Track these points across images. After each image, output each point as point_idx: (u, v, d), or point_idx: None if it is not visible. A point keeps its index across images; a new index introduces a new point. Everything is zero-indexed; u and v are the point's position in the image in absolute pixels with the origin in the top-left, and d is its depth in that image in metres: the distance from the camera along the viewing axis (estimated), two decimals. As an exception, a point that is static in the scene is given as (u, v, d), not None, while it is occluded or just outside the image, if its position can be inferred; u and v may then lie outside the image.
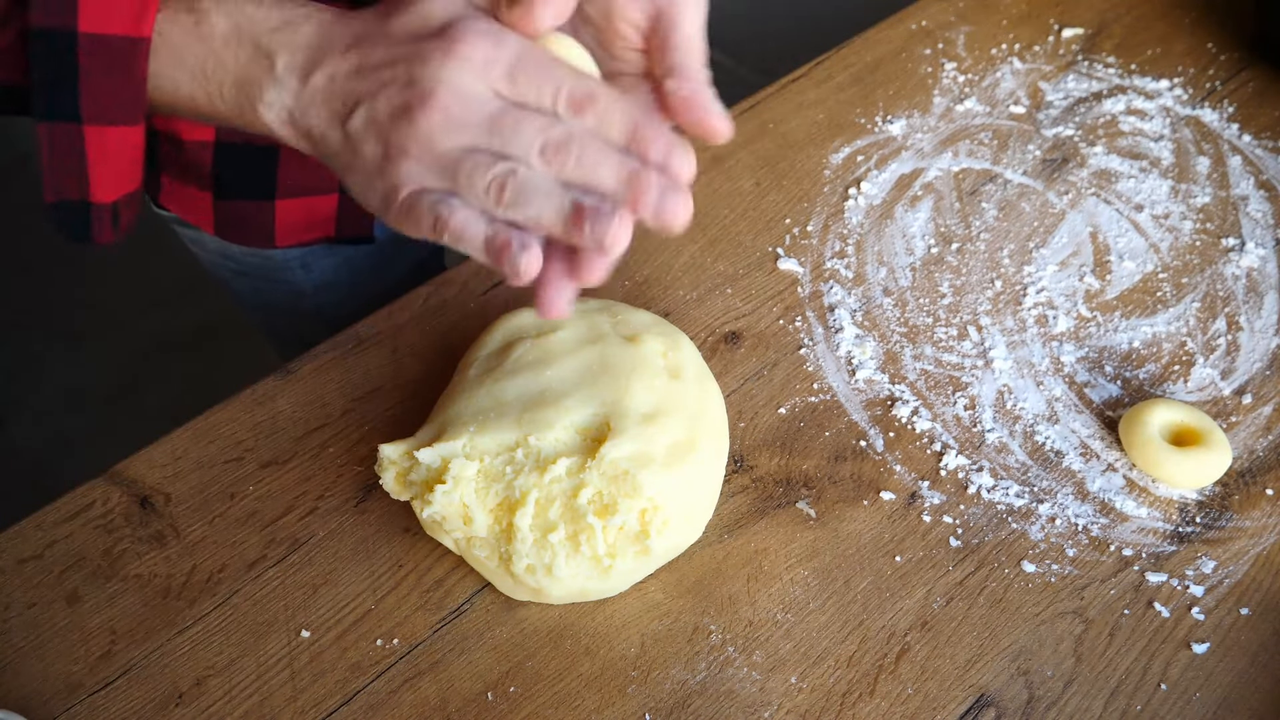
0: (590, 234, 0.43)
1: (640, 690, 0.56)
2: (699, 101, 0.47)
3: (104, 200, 0.50)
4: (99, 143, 0.48)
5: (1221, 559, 0.62)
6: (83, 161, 0.48)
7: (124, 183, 0.50)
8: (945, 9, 0.92)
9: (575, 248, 0.46)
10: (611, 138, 0.44)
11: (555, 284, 0.46)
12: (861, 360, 0.70)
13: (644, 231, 0.46)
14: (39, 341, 1.95)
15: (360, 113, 0.44)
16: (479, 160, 0.43)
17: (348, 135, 0.45)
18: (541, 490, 0.55)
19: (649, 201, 0.43)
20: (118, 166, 0.49)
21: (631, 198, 0.43)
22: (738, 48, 1.66)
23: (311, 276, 0.85)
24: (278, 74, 0.45)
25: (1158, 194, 0.80)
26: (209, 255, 0.85)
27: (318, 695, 0.56)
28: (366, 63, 0.44)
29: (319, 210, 0.77)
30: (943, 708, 0.56)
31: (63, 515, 0.62)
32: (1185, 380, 0.70)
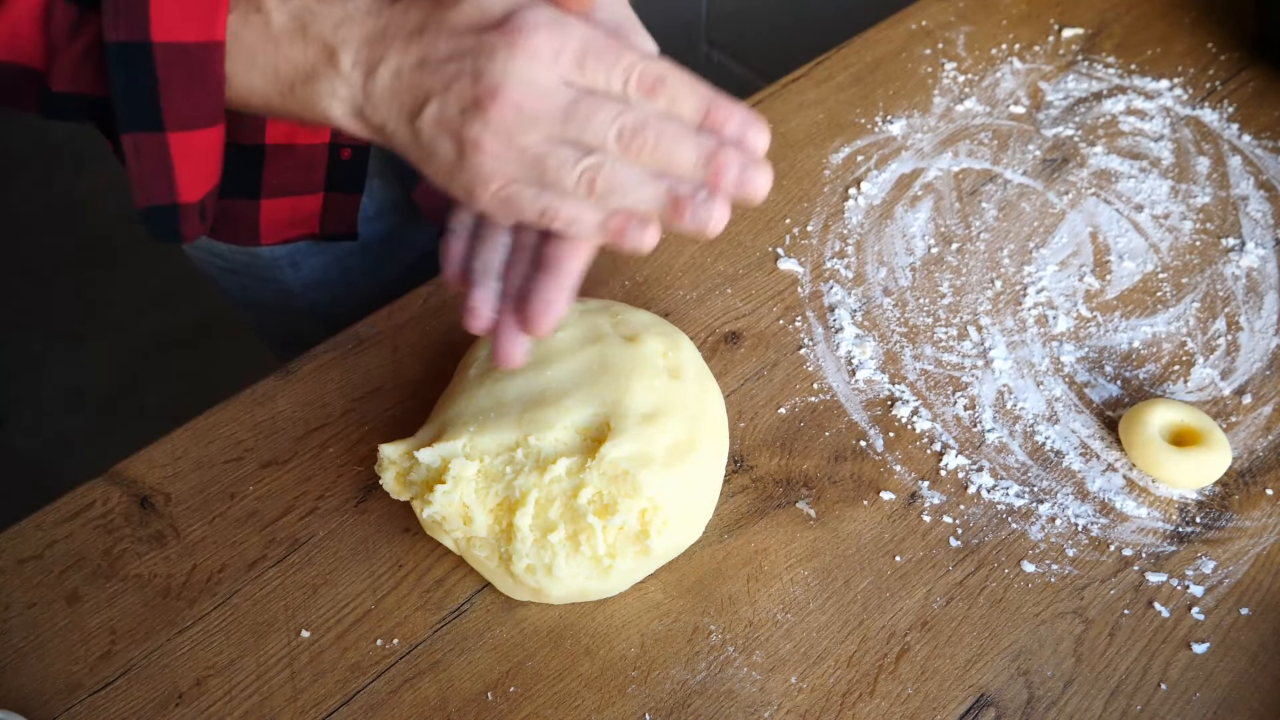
0: (691, 220, 0.44)
1: (640, 690, 0.56)
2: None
3: (192, 200, 0.51)
4: (184, 148, 0.48)
5: (1221, 559, 0.62)
6: (169, 167, 0.48)
7: (208, 180, 0.51)
8: (945, 9, 0.92)
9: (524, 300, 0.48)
10: (684, 117, 0.44)
11: (508, 335, 0.48)
12: (861, 360, 0.70)
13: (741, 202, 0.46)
14: (39, 341, 1.95)
15: (430, 110, 0.44)
16: (563, 156, 0.43)
17: (418, 131, 0.45)
18: (541, 490, 0.55)
19: (730, 178, 0.44)
20: (202, 167, 0.50)
21: (712, 176, 0.44)
22: (738, 48, 1.66)
23: (300, 275, 0.85)
24: (343, 70, 0.45)
25: (1158, 194, 0.80)
26: (198, 253, 0.85)
27: (318, 695, 0.56)
28: (430, 56, 0.44)
29: (303, 208, 0.77)
30: (943, 708, 0.56)
31: (63, 515, 0.62)
32: (1185, 380, 0.70)
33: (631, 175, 0.44)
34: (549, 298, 0.47)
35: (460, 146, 0.44)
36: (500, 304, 0.49)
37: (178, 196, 0.50)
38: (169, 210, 0.50)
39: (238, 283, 0.87)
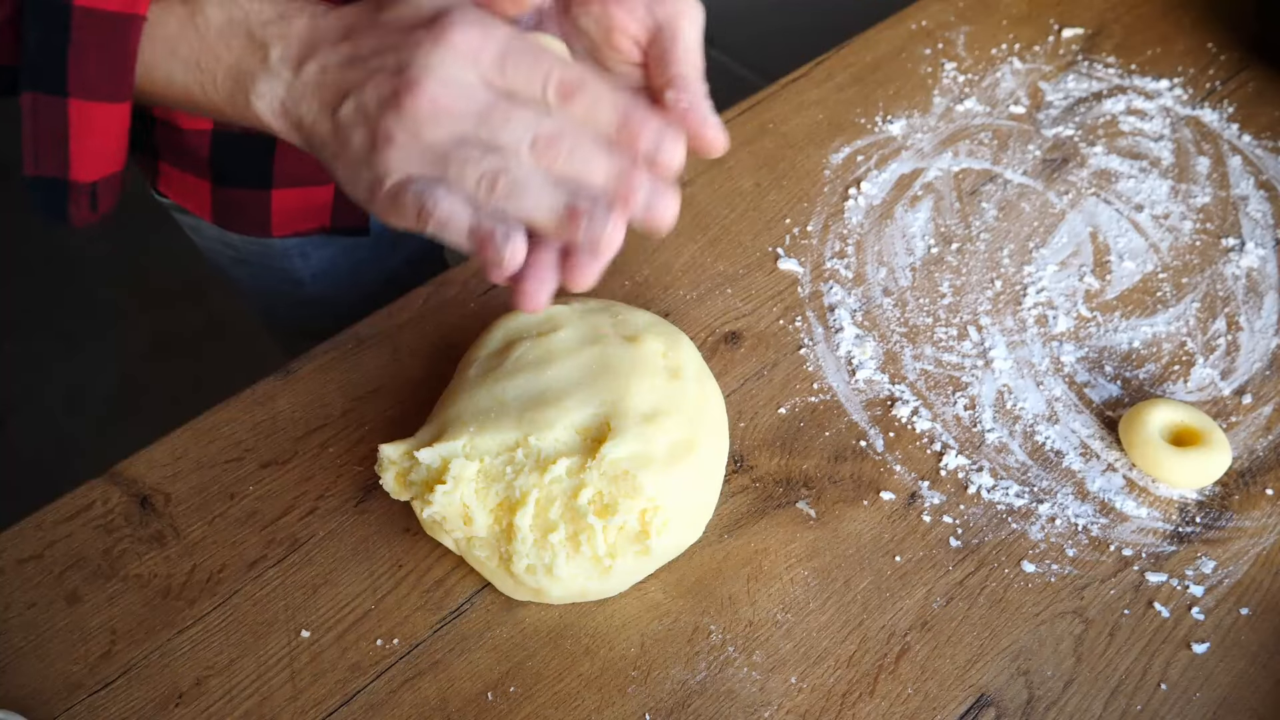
0: (584, 234, 0.43)
1: (640, 690, 0.56)
2: (698, 113, 0.48)
3: (84, 179, 0.49)
4: (83, 118, 0.47)
5: (1221, 559, 0.62)
6: (65, 136, 0.48)
7: (106, 163, 0.50)
8: (945, 9, 0.92)
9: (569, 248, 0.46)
10: (601, 126, 0.44)
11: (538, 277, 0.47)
12: (861, 360, 0.70)
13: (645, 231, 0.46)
14: (39, 341, 1.95)
15: (349, 102, 0.44)
16: (469, 154, 0.43)
17: (337, 124, 0.45)
18: (542, 490, 0.55)
19: (638, 200, 0.43)
20: (100, 145, 0.49)
21: (621, 196, 0.43)
22: (738, 48, 1.66)
23: (310, 265, 0.85)
24: (271, 65, 0.45)
25: (1158, 194, 0.80)
26: (208, 243, 0.85)
27: (318, 695, 0.56)
28: (358, 53, 0.45)
29: (315, 200, 0.78)
30: (943, 708, 0.56)
31: (63, 515, 0.62)
32: (1185, 380, 0.70)
33: (535, 180, 0.43)
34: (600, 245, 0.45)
35: (373, 138, 0.44)
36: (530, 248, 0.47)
37: (69, 172, 0.49)
38: (58, 185, 0.49)
39: (248, 273, 0.88)
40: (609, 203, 0.43)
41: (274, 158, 0.73)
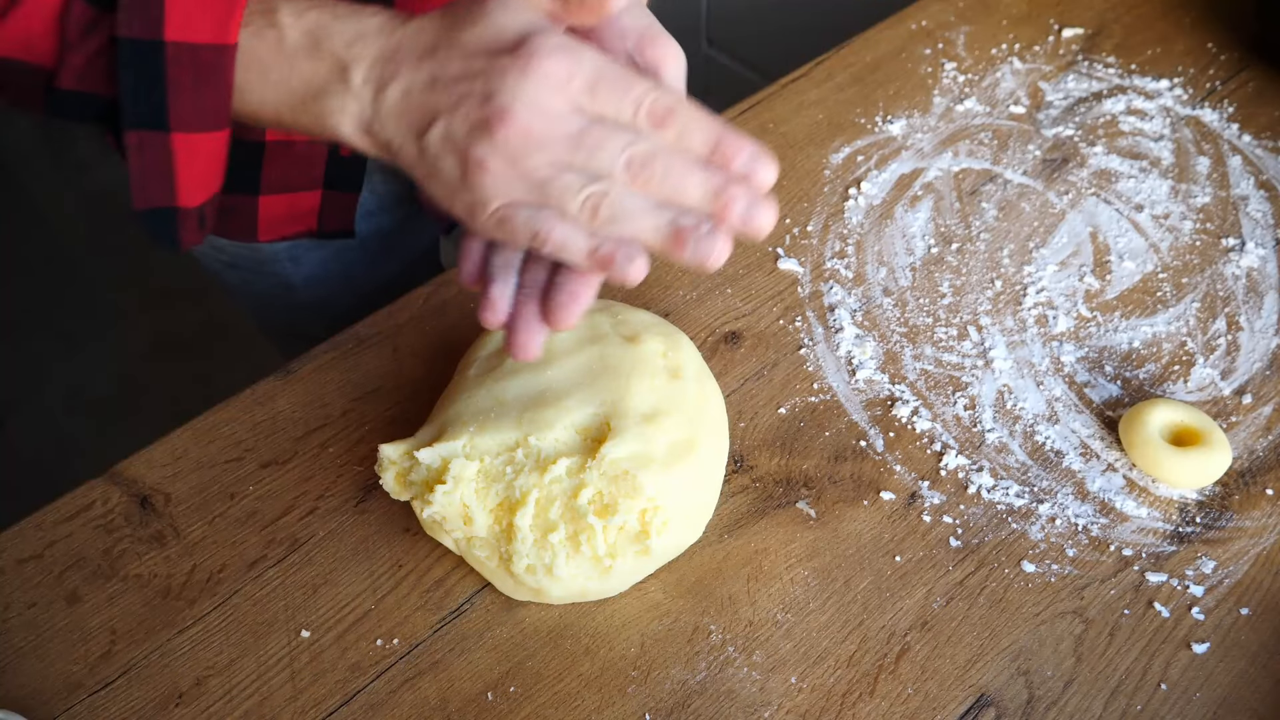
0: (692, 253, 0.44)
1: (640, 690, 0.56)
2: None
3: (191, 205, 0.51)
4: (187, 150, 0.48)
5: (1221, 559, 0.62)
6: (171, 169, 0.48)
7: (210, 186, 0.51)
8: (945, 9, 0.92)
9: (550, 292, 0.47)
10: (694, 150, 0.44)
11: (527, 326, 0.48)
12: (861, 360, 0.70)
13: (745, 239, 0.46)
14: (39, 341, 1.95)
15: (437, 128, 0.44)
16: (568, 181, 0.43)
17: (424, 149, 0.45)
18: (541, 490, 0.55)
19: (736, 212, 0.44)
20: (204, 171, 0.50)
21: (718, 211, 0.44)
22: (738, 48, 1.66)
23: (301, 269, 0.85)
24: (354, 86, 0.46)
25: (1158, 194, 0.80)
26: (200, 248, 0.85)
27: (318, 695, 0.56)
28: (441, 75, 0.44)
29: (301, 205, 0.78)
30: (943, 708, 0.56)
31: (63, 515, 0.62)
32: (1185, 380, 0.70)
33: (636, 203, 0.44)
34: (575, 289, 0.47)
35: (464, 166, 0.44)
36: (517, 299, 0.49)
37: (177, 200, 0.50)
38: (168, 214, 0.50)
39: (239, 277, 0.88)
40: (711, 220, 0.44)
41: (262, 166, 0.73)
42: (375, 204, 0.84)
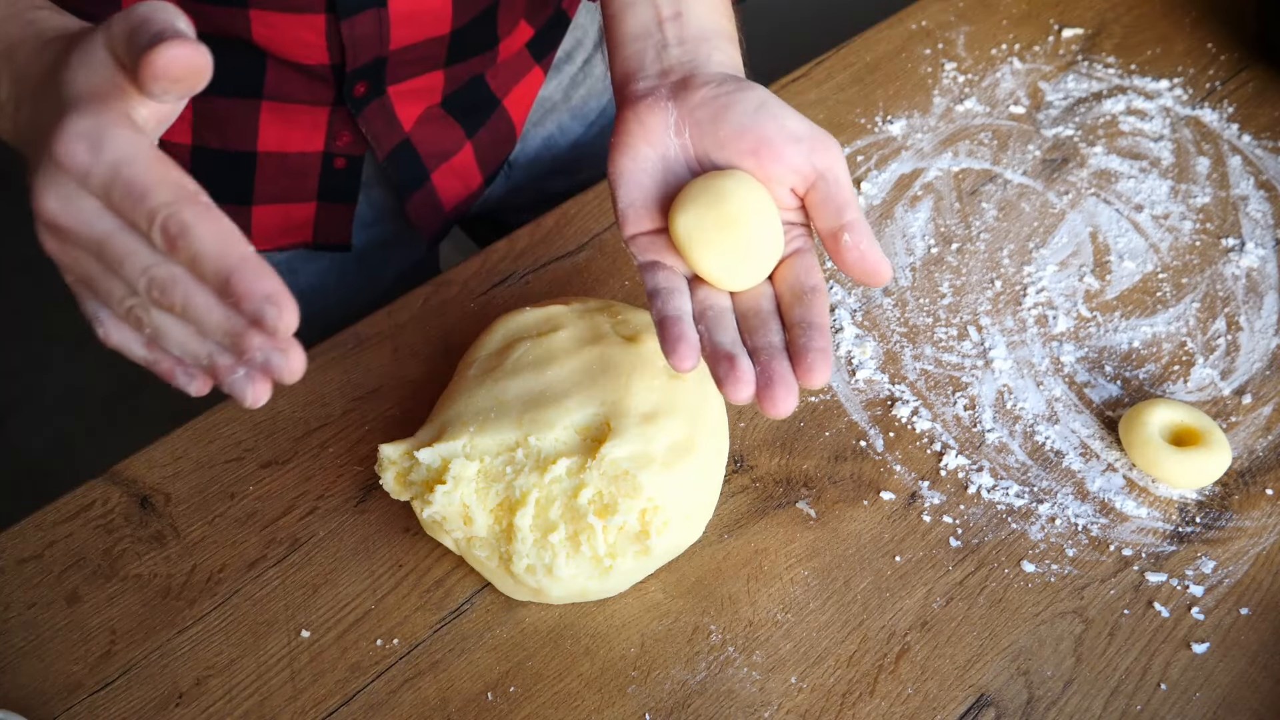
0: (231, 390, 0.41)
1: (640, 690, 0.56)
2: (873, 254, 0.49)
3: None
4: None
5: (1221, 559, 0.62)
6: None
7: None
8: (945, 9, 0.92)
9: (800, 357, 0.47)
10: (207, 280, 0.38)
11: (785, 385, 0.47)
12: (861, 360, 0.70)
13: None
14: (39, 341, 1.95)
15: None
16: (110, 287, 0.40)
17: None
18: (541, 490, 0.55)
19: (258, 361, 0.40)
20: None
21: (239, 356, 0.40)
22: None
23: (298, 281, 0.85)
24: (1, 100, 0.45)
25: (1158, 194, 0.80)
26: None
27: (318, 695, 0.56)
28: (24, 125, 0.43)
29: (296, 216, 0.77)
30: (943, 708, 0.56)
31: (63, 515, 0.62)
32: (1185, 380, 0.70)
33: (175, 328, 0.40)
34: (821, 346, 0.47)
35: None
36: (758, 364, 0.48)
37: None
38: None
39: None
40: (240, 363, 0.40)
41: (254, 175, 0.73)
42: (372, 215, 0.83)
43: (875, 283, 0.50)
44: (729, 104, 0.50)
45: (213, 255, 0.37)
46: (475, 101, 0.79)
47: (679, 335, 0.48)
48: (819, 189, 0.50)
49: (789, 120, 0.50)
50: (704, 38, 0.54)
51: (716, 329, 0.49)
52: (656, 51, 0.53)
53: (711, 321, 0.50)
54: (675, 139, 0.51)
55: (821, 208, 0.50)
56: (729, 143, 0.50)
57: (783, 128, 0.50)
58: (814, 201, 0.50)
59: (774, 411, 0.46)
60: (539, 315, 0.63)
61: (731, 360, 0.47)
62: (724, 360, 0.47)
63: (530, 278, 0.74)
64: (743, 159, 0.50)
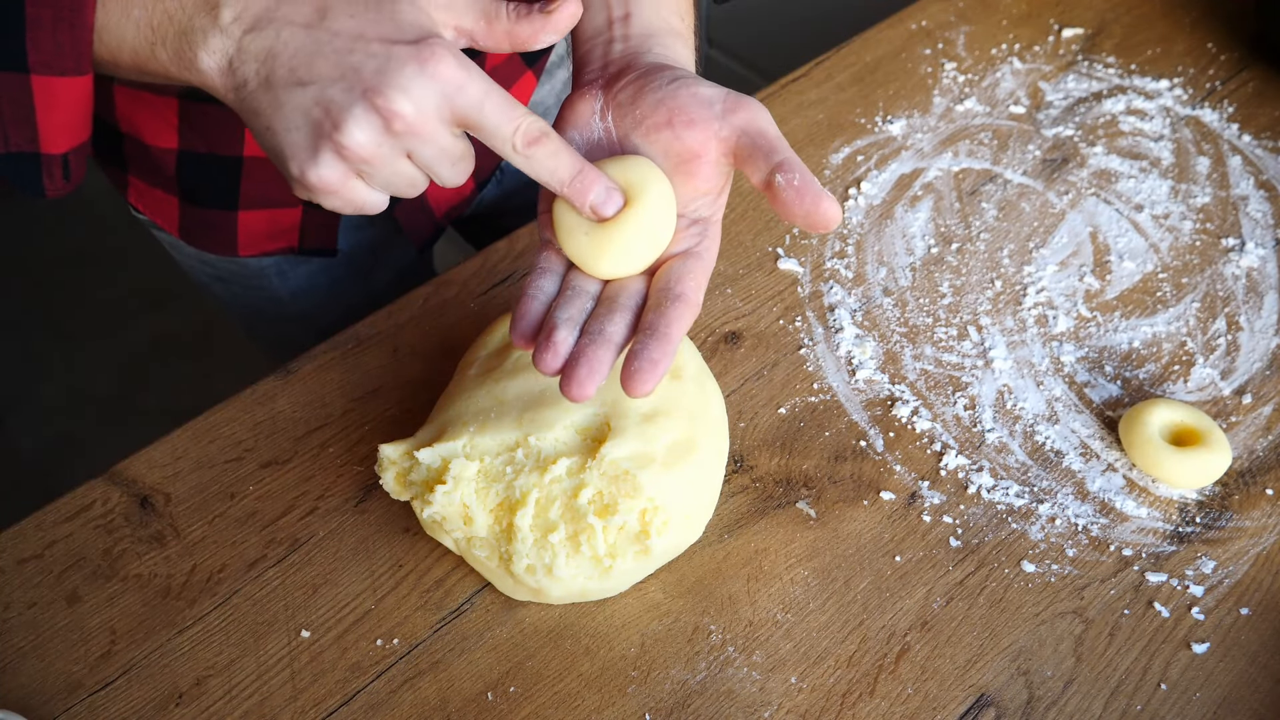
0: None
1: (640, 690, 0.56)
2: (812, 188, 0.47)
3: (55, 152, 0.50)
4: (47, 93, 0.47)
5: (1221, 559, 0.62)
6: (31, 112, 0.48)
7: (74, 134, 0.50)
8: (945, 9, 0.92)
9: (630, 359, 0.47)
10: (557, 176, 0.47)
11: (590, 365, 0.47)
12: (861, 360, 0.70)
13: None
14: (39, 341, 1.95)
15: (311, 90, 0.44)
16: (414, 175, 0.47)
17: (282, 101, 0.44)
18: (541, 490, 0.55)
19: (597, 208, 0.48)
20: (67, 117, 0.49)
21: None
22: (738, 48, 1.66)
23: (288, 284, 0.85)
24: (222, 23, 0.45)
25: (1158, 194, 0.80)
26: (187, 260, 0.85)
27: (318, 695, 0.56)
28: (328, 45, 0.44)
29: (282, 221, 0.77)
30: (943, 708, 0.56)
31: (63, 515, 0.62)
32: (1185, 380, 0.70)
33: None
34: (655, 358, 0.46)
35: (322, 135, 0.44)
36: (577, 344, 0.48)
37: (40, 145, 0.49)
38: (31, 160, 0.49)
39: (228, 291, 0.87)
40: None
41: (240, 180, 0.73)
42: (361, 218, 0.83)
43: (823, 221, 0.47)
44: (646, 83, 0.50)
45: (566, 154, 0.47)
46: None
47: (522, 313, 0.49)
48: (743, 145, 0.49)
49: (701, 88, 0.49)
50: (649, 34, 0.54)
51: (562, 305, 0.49)
52: (604, 49, 0.54)
53: (564, 300, 0.49)
54: (600, 123, 0.51)
55: (749, 161, 0.49)
56: (644, 119, 0.50)
57: (694, 94, 0.49)
58: (742, 158, 0.49)
59: (570, 392, 0.46)
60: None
61: (551, 331, 0.47)
62: (548, 331, 0.47)
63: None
64: (659, 132, 0.50)
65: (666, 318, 0.47)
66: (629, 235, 0.48)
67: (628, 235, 0.48)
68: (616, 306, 0.49)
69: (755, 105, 0.49)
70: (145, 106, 0.69)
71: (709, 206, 0.52)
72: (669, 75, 0.50)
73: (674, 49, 0.54)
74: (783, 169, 0.47)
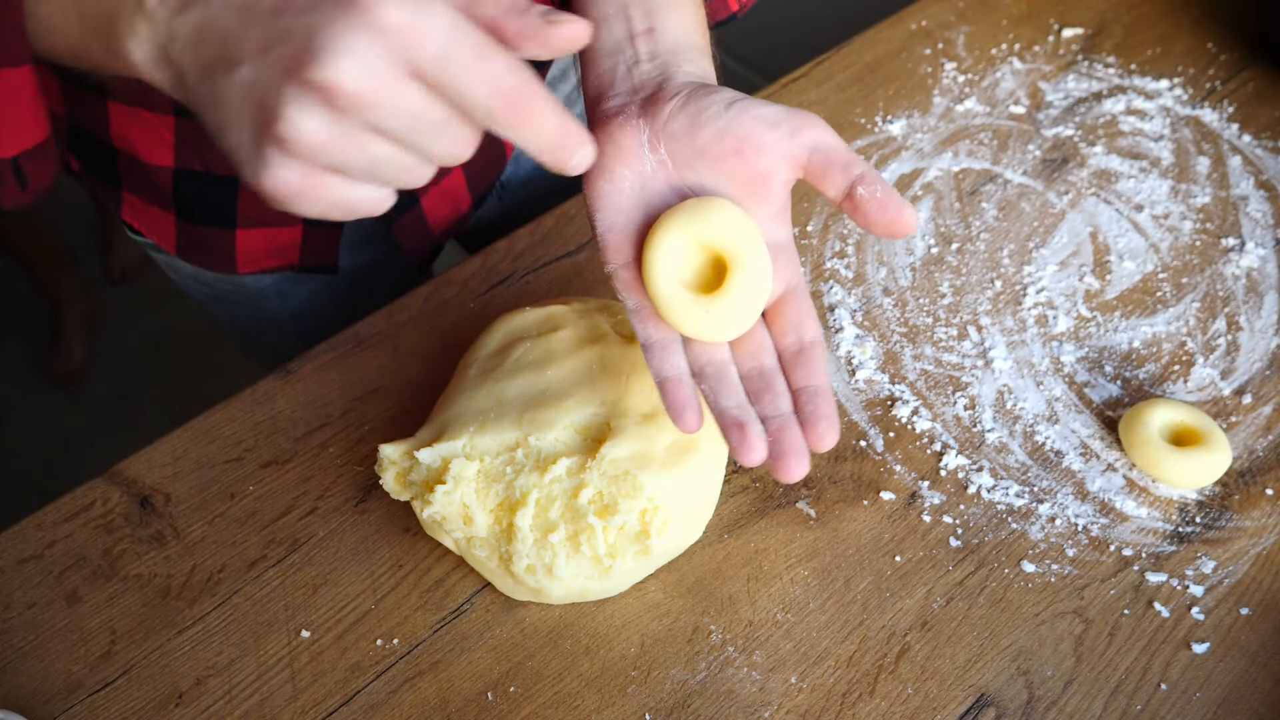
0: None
1: (640, 690, 0.56)
2: (892, 200, 0.48)
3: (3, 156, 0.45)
4: None
5: (1221, 559, 0.62)
6: None
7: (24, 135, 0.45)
8: (945, 9, 0.92)
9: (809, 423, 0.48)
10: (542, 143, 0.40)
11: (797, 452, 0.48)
12: (861, 360, 0.70)
13: None
14: (39, 341, 1.95)
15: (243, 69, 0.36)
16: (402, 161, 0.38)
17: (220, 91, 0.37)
18: (542, 490, 0.55)
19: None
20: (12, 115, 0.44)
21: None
22: (738, 48, 1.66)
23: (287, 305, 0.84)
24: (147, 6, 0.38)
25: (1158, 194, 0.80)
26: (184, 280, 0.83)
27: (318, 695, 0.56)
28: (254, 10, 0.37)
29: (281, 240, 0.76)
30: (943, 708, 0.56)
31: (63, 515, 0.62)
32: (1185, 380, 0.70)
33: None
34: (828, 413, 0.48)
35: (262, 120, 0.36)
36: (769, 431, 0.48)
37: None
38: None
39: (225, 311, 0.86)
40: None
41: (238, 199, 0.72)
42: (360, 237, 0.82)
43: (903, 230, 0.48)
44: (700, 109, 0.49)
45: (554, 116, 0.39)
46: None
47: (683, 402, 0.48)
48: (815, 162, 0.49)
49: (763, 110, 0.49)
50: (676, 50, 0.52)
51: (720, 391, 0.49)
52: (628, 68, 0.52)
53: (713, 380, 0.49)
54: (651, 155, 0.50)
55: (825, 176, 0.49)
56: (708, 149, 0.49)
57: (759, 117, 0.48)
58: (816, 175, 0.49)
59: (788, 478, 0.47)
60: (539, 315, 0.63)
61: (742, 428, 0.47)
62: (734, 428, 0.48)
63: (530, 278, 0.74)
64: (727, 161, 0.49)
65: (815, 370, 0.49)
66: (745, 299, 0.48)
67: (744, 299, 0.48)
68: (770, 377, 0.49)
69: (817, 121, 0.49)
70: (140, 123, 0.68)
71: (780, 227, 0.51)
72: (722, 99, 0.49)
73: (703, 67, 0.53)
74: (863, 181, 0.48)
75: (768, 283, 0.49)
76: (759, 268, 0.48)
